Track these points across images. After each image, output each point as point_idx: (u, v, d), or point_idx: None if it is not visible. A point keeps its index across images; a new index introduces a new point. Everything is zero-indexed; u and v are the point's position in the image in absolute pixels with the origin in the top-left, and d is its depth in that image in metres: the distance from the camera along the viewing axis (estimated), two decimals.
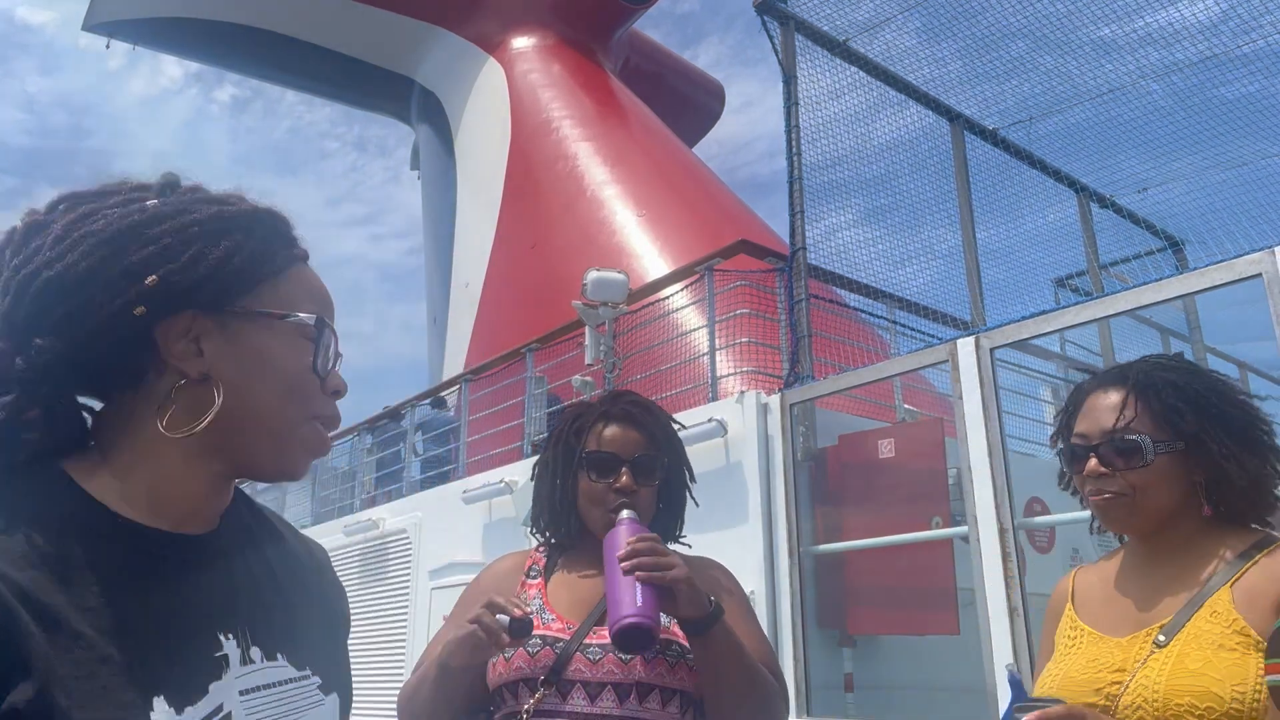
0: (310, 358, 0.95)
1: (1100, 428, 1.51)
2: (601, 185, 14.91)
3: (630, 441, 1.76)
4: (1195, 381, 1.53)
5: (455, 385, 9.77)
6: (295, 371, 0.95)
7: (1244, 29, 5.14)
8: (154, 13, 22.13)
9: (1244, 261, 3.66)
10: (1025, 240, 6.56)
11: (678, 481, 1.85)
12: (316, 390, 0.96)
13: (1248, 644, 1.32)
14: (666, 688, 1.61)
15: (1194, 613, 1.39)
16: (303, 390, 0.95)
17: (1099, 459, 1.50)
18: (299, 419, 0.95)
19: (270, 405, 0.93)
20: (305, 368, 0.95)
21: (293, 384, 0.94)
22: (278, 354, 0.94)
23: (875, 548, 4.90)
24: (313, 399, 0.96)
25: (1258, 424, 1.52)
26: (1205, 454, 1.47)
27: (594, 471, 1.75)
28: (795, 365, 5.63)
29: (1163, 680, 1.34)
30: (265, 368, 0.93)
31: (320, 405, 0.97)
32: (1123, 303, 4.12)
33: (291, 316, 0.94)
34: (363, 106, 25.18)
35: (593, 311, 6.74)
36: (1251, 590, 1.37)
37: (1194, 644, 1.35)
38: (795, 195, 5.94)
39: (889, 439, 5.09)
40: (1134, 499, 1.48)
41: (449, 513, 7.58)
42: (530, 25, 18.70)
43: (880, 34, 6.39)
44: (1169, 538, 1.51)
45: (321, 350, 0.97)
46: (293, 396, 0.94)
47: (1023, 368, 5.91)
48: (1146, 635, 1.42)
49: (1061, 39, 6.04)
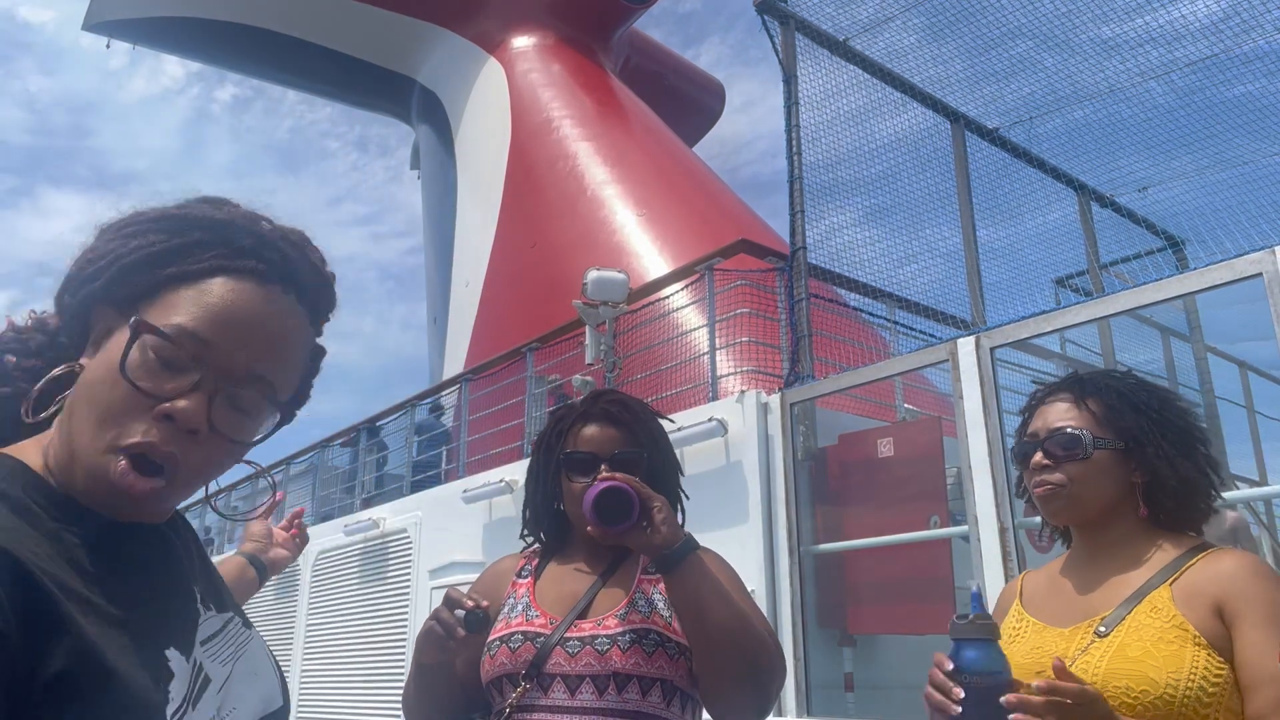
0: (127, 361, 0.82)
1: (1047, 427, 1.64)
2: (602, 185, 14.91)
3: (608, 440, 1.78)
4: (1139, 390, 1.65)
5: (455, 385, 9.77)
6: (103, 374, 0.83)
7: (1246, 29, 5.14)
8: (153, 12, 22.13)
9: (1244, 261, 3.66)
10: (1026, 240, 6.57)
11: (666, 477, 1.84)
12: (131, 407, 0.81)
13: (1185, 638, 1.41)
14: (645, 677, 1.60)
15: (1134, 607, 1.48)
16: (110, 401, 0.81)
17: (1043, 453, 1.63)
18: (96, 441, 0.81)
19: (78, 419, 0.83)
20: (113, 371, 0.82)
21: (97, 388, 0.82)
22: (104, 350, 0.85)
23: (875, 547, 4.90)
24: (121, 418, 0.81)
25: (1194, 433, 1.63)
26: (1143, 455, 1.59)
27: (573, 471, 1.77)
28: (795, 365, 5.63)
29: (1102, 665, 1.43)
30: (92, 367, 0.85)
31: (131, 430, 0.81)
32: (1123, 302, 4.11)
33: (133, 317, 0.84)
34: (363, 106, 25.18)
35: (593, 311, 6.73)
36: (1190, 590, 1.47)
37: (1134, 635, 1.45)
38: (795, 195, 5.94)
39: (888, 438, 5.09)
40: (1071, 490, 1.59)
41: (449, 512, 7.58)
42: (530, 25, 18.69)
43: (881, 33, 6.39)
44: (1108, 535, 1.62)
45: (138, 349, 0.82)
46: (92, 405, 0.82)
47: (1023, 367, 5.90)
48: (1088, 626, 1.51)
49: (1063, 38, 6.03)
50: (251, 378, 0.86)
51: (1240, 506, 6.38)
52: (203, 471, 0.87)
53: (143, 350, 0.83)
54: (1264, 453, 6.95)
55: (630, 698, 1.59)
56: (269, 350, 0.88)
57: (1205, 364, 6.93)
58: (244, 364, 0.86)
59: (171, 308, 0.85)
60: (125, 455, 0.81)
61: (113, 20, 22.82)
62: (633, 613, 1.66)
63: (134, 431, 0.81)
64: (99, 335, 0.88)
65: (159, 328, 0.83)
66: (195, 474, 0.86)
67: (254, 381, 0.87)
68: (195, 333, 0.84)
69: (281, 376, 0.90)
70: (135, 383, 0.81)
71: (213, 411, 0.84)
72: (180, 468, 0.83)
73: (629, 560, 1.78)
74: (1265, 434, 7.03)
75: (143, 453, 0.81)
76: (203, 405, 0.83)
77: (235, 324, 0.86)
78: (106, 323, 0.87)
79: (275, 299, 0.89)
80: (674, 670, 1.62)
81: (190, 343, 0.84)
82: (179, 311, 0.85)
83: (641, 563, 1.75)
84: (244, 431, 0.88)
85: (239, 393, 0.86)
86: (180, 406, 0.82)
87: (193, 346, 0.84)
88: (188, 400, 0.82)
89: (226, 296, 0.86)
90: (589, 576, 1.76)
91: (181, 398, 0.82)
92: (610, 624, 1.65)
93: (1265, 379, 7.43)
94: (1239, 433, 6.94)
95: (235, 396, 0.86)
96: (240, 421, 0.87)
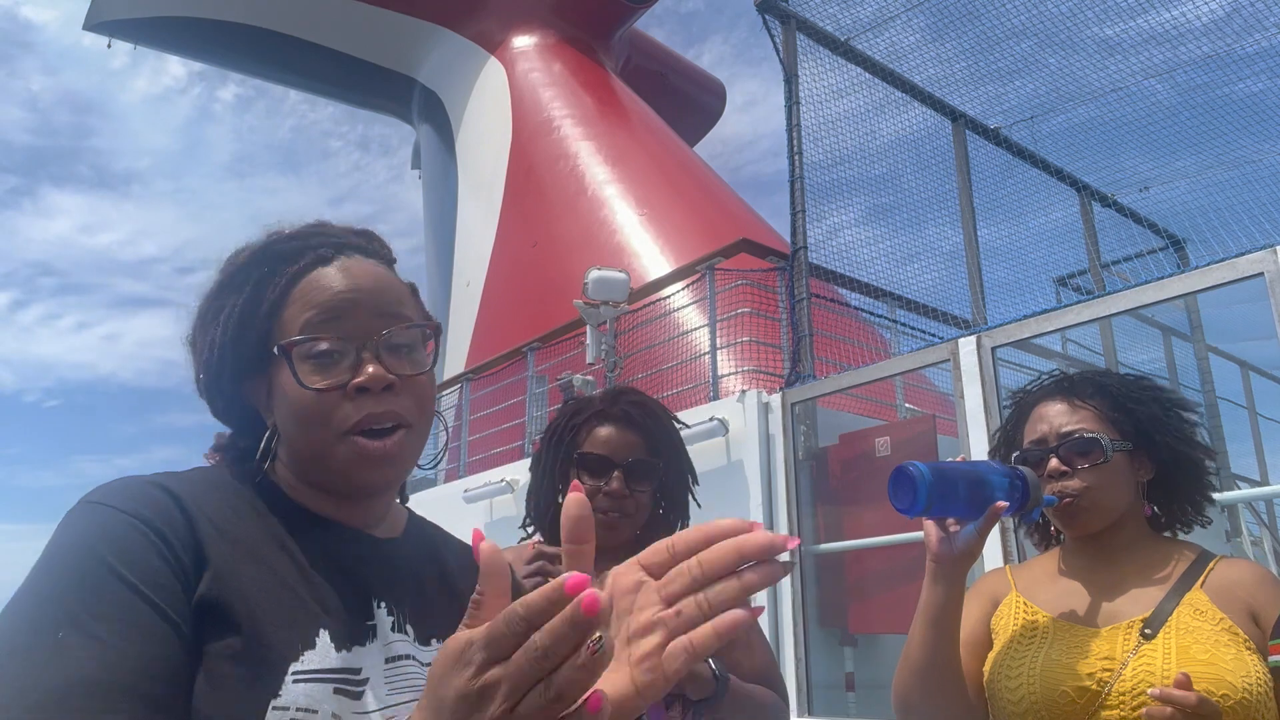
0: (302, 378, 0.93)
1: (1056, 430, 1.57)
2: (602, 184, 14.90)
3: (625, 445, 1.72)
4: (1136, 387, 1.61)
5: (456, 384, 9.77)
6: (293, 399, 0.93)
7: (1248, 28, 5.14)
8: (154, 12, 22.12)
9: (1246, 260, 3.65)
10: (1027, 239, 6.56)
11: (678, 484, 1.80)
12: (331, 405, 0.92)
13: (1238, 641, 1.39)
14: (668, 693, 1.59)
15: (1174, 608, 1.45)
16: (311, 413, 0.92)
17: (1059, 459, 1.55)
18: (326, 443, 0.93)
19: (295, 439, 0.95)
20: (298, 392, 0.92)
21: (297, 412, 0.93)
22: (281, 387, 0.95)
23: (876, 547, 4.90)
24: (329, 417, 0.92)
25: (1193, 427, 1.61)
26: (1152, 454, 1.55)
27: (586, 472, 1.71)
28: (796, 364, 5.63)
29: (1172, 668, 1.37)
30: (280, 405, 0.95)
31: (344, 417, 0.92)
32: (1124, 301, 4.11)
33: (275, 348, 0.94)
34: (364, 106, 25.15)
35: (594, 310, 6.73)
36: (1223, 593, 1.45)
37: (1190, 637, 1.40)
38: (796, 194, 5.94)
39: (885, 437, 5.09)
40: (1093, 497, 1.53)
41: (449, 512, 7.58)
42: (531, 24, 18.69)
43: (883, 33, 6.39)
44: (1115, 537, 1.57)
45: (300, 363, 0.93)
46: (305, 424, 0.93)
47: (1024, 367, 5.89)
48: (1128, 627, 1.46)
49: (1065, 38, 6.03)
50: (386, 319, 0.96)
51: (1241, 506, 6.39)
52: (421, 409, 0.97)
53: (302, 362, 0.92)
54: (1265, 452, 6.95)
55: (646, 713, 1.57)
56: (378, 294, 0.97)
57: (1206, 363, 6.93)
58: (373, 315, 0.95)
59: (291, 324, 0.94)
60: (356, 434, 0.91)
61: (113, 20, 22.80)
62: None
63: (347, 416, 0.92)
64: (263, 398, 0.97)
65: (299, 338, 0.93)
66: (418, 415, 0.96)
67: (390, 321, 0.96)
68: (324, 320, 0.94)
69: (402, 308, 0.99)
70: (318, 388, 0.91)
71: (386, 363, 0.94)
72: (404, 416, 0.94)
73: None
74: (1266, 434, 7.03)
75: (368, 425, 0.92)
76: (377, 364, 0.93)
77: (343, 294, 0.95)
78: (261, 385, 0.97)
79: (348, 264, 0.98)
80: (692, 687, 1.57)
81: (327, 328, 0.93)
82: (298, 321, 0.94)
83: None
84: (419, 362, 0.98)
85: (389, 339, 0.95)
86: (366, 375, 0.92)
87: (331, 330, 0.93)
88: (364, 369, 0.92)
89: (320, 284, 0.96)
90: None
91: (358, 371, 0.92)
92: None
93: (1266, 378, 7.43)
94: (1240, 432, 6.94)
95: (390, 344, 0.95)
96: (410, 357, 0.97)
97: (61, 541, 0.80)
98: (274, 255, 0.98)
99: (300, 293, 0.95)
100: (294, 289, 0.96)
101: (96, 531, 0.80)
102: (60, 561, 0.78)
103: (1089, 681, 1.42)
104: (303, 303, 0.95)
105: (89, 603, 0.74)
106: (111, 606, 0.74)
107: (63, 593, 0.75)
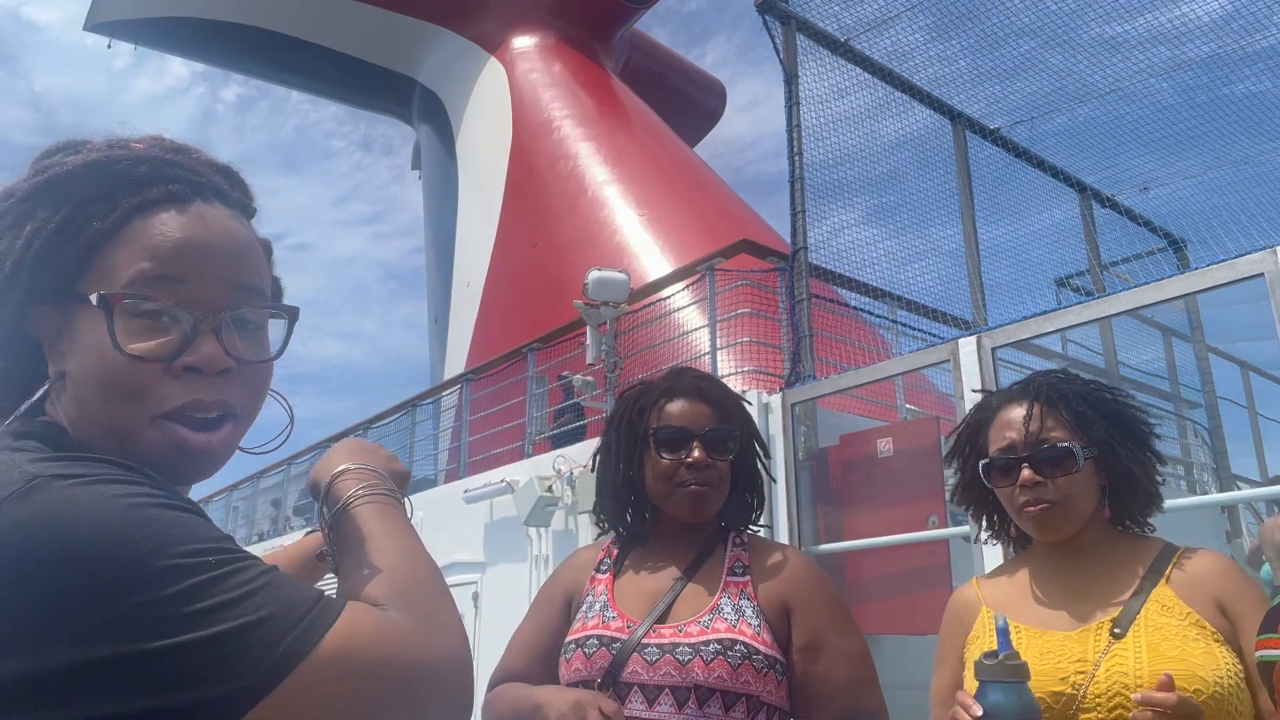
0: (118, 339, 0.74)
1: (1026, 440, 1.57)
2: (602, 184, 14.90)
3: (700, 415, 1.68)
4: (1097, 391, 1.63)
5: (456, 385, 9.77)
6: (101, 360, 0.75)
7: (1251, 28, 5.13)
8: (155, 12, 22.14)
9: (1246, 261, 3.65)
10: (1027, 239, 6.56)
11: (751, 456, 1.76)
12: (149, 379, 0.76)
13: (1206, 635, 1.41)
14: (730, 691, 1.48)
15: (1140, 607, 1.46)
16: (121, 383, 0.75)
17: (1033, 468, 1.55)
18: (133, 421, 0.76)
19: (92, 404, 0.77)
20: (110, 354, 0.75)
21: (102, 377, 0.76)
22: (83, 337, 0.77)
23: (876, 547, 4.90)
24: (144, 392, 0.76)
25: (1149, 429, 1.63)
26: (1114, 458, 1.56)
27: (663, 448, 1.66)
28: (796, 365, 5.62)
29: (1144, 666, 1.39)
30: (79, 359, 0.77)
31: (163, 397, 0.76)
32: (1124, 302, 4.10)
33: (91, 296, 0.75)
34: (365, 106, 25.17)
35: (594, 311, 6.73)
36: (1188, 587, 1.47)
37: (1159, 634, 1.42)
38: (796, 194, 5.94)
39: (887, 438, 5.08)
40: (1067, 506, 1.54)
41: (449, 512, 7.57)
42: (531, 25, 18.69)
43: (884, 33, 6.38)
44: (1080, 541, 1.59)
45: (120, 319, 0.75)
46: (109, 393, 0.76)
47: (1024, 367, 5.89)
48: (1097, 628, 1.48)
49: (1068, 37, 6.02)
50: (238, 293, 0.81)
51: (1241, 506, 6.38)
52: (254, 402, 0.83)
53: (124, 320, 0.75)
54: (1265, 452, 6.94)
55: (712, 712, 1.48)
56: (234, 259, 0.81)
57: (1206, 364, 6.93)
58: (224, 283, 0.80)
59: (117, 270, 0.77)
60: (175, 421, 0.76)
61: (114, 20, 22.81)
62: (718, 619, 1.54)
63: (167, 396, 0.76)
64: (52, 337, 0.80)
65: (127, 292, 0.76)
66: (248, 408, 0.82)
67: (242, 296, 0.81)
68: (163, 275, 0.77)
69: (258, 279, 0.84)
70: (135, 354, 0.75)
71: (226, 343, 0.79)
72: (234, 407, 0.79)
73: (714, 557, 1.66)
74: (1266, 434, 7.03)
75: (191, 412, 0.77)
76: (215, 343, 0.78)
77: (191, 250, 0.78)
78: (54, 322, 0.79)
79: (205, 212, 0.81)
80: (761, 685, 1.50)
81: (165, 288, 0.77)
82: (130, 267, 0.77)
83: (727, 562, 1.65)
84: (265, 347, 0.84)
85: (236, 314, 0.80)
86: (200, 355, 0.77)
87: (167, 292, 0.77)
88: (200, 345, 0.77)
89: (165, 230, 0.78)
90: (671, 574, 1.64)
91: (191, 347, 0.77)
92: (692, 631, 1.53)
93: (1266, 379, 7.42)
94: (1240, 432, 6.94)
95: (236, 319, 0.80)
96: (256, 339, 0.83)
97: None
98: (113, 175, 0.79)
99: (137, 233, 0.77)
100: (129, 225, 0.78)
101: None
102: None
103: (1063, 685, 1.43)
104: (139, 247, 0.77)
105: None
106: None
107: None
